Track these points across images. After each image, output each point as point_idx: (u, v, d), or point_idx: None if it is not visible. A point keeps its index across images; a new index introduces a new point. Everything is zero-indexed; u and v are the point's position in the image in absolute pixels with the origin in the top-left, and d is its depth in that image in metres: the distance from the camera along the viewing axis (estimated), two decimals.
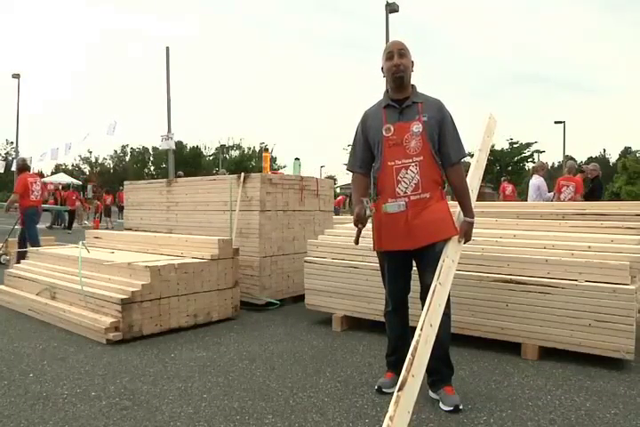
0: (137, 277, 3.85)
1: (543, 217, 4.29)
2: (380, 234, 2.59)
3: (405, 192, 2.51)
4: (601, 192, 8.46)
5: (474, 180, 3.03)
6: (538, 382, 2.84)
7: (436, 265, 2.46)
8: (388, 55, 2.56)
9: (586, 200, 7.69)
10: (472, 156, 3.29)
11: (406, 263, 2.65)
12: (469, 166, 3.18)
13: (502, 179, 13.36)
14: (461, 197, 2.63)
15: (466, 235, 2.60)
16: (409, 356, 2.11)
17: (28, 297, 4.53)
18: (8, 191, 25.72)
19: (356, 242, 2.67)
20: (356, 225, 2.60)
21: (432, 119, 2.53)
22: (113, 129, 12.16)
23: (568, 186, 8.15)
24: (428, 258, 2.52)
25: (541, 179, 8.50)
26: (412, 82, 2.62)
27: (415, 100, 2.57)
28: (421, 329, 2.21)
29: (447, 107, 2.62)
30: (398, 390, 1.96)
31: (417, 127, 2.51)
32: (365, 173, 2.73)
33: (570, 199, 7.95)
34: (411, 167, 2.51)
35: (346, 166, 2.81)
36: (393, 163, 2.53)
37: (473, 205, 2.72)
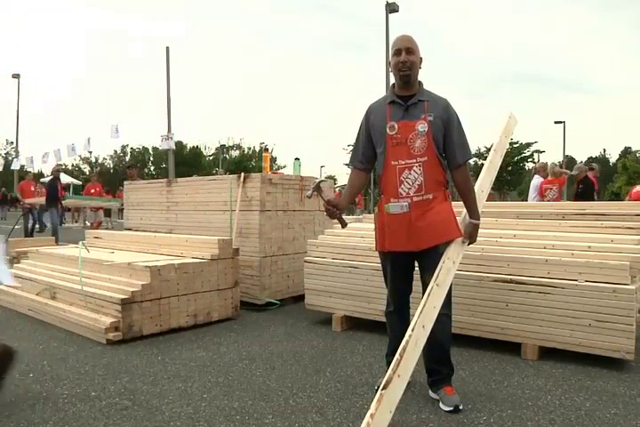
0: (137, 277, 3.84)
1: (543, 217, 4.28)
2: (384, 234, 2.56)
3: (408, 193, 2.47)
4: (586, 191, 8.20)
5: (485, 181, 2.97)
6: (538, 382, 2.84)
7: None
8: (396, 51, 2.51)
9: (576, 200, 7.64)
10: (477, 156, 3.27)
11: (408, 264, 2.63)
12: (482, 166, 3.12)
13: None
14: (467, 198, 2.59)
15: (470, 237, 2.59)
16: (397, 356, 2.08)
17: (28, 297, 4.53)
18: (8, 191, 25.69)
19: (343, 225, 2.64)
20: (332, 215, 2.58)
21: (438, 119, 2.49)
22: (116, 131, 12.15)
23: (552, 189, 8.17)
24: (431, 259, 2.48)
25: (542, 179, 8.53)
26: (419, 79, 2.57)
27: (421, 98, 2.52)
28: (412, 330, 2.18)
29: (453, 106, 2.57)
30: (382, 389, 1.94)
31: (422, 126, 2.46)
32: (365, 169, 2.70)
33: (554, 200, 7.97)
34: (414, 168, 2.47)
35: (348, 161, 2.78)
36: (396, 162, 2.49)
37: (480, 207, 2.67)
